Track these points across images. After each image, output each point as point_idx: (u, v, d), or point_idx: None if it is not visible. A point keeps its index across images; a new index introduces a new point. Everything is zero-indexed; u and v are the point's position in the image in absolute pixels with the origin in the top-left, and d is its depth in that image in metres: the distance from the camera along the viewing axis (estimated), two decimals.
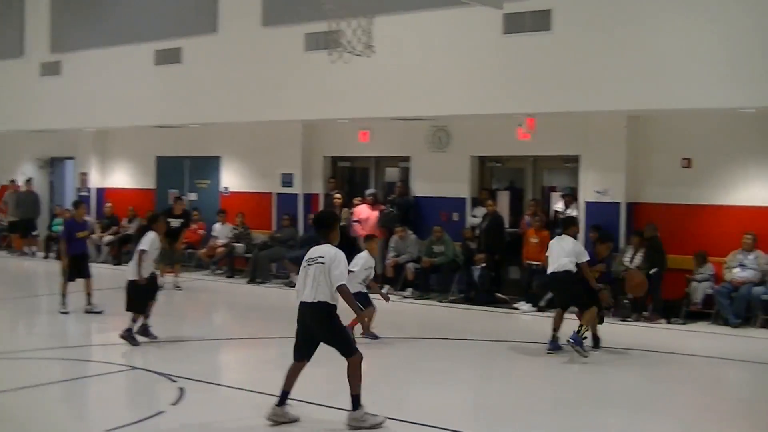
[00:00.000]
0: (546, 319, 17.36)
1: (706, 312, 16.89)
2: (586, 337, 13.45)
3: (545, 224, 19.08)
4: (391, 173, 22.85)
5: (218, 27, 22.69)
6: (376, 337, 14.58)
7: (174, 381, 11.53)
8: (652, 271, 17.00)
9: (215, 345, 14.91)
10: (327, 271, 9.43)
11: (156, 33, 23.92)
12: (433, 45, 18.87)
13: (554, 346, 13.84)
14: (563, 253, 13.75)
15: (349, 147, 22.73)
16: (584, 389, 12.36)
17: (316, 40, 19.42)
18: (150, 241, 14.07)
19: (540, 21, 17.51)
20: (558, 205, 19.45)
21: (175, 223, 20.33)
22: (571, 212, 18.88)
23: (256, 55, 21.70)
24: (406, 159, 21.91)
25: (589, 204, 18.70)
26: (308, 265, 9.60)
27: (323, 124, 22.70)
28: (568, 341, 13.36)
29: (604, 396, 11.89)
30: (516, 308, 18.36)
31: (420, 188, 21.47)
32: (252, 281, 21.92)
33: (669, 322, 16.47)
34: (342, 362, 9.61)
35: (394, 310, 17.81)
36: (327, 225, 9.99)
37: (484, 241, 19.44)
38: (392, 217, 20.78)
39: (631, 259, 17.44)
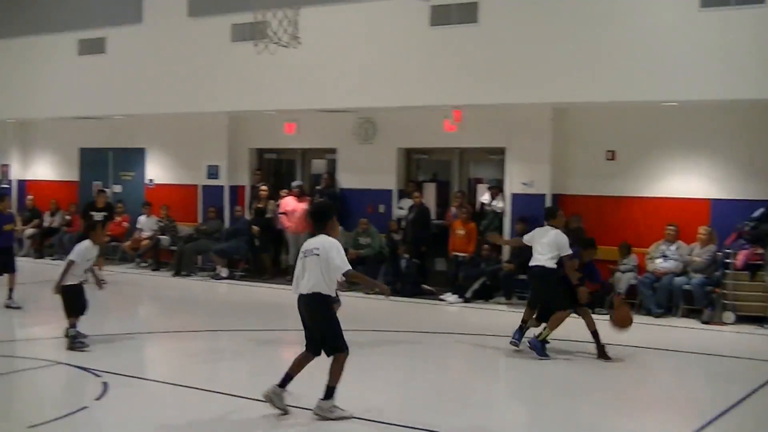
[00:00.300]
0: (472, 310, 17.50)
1: (630, 302, 17.08)
2: (548, 342, 12.78)
3: (471, 216, 19.16)
4: (318, 165, 22.80)
5: (143, 17, 22.47)
6: None
7: (98, 376, 11.36)
8: None
9: (140, 339, 14.74)
10: (324, 261, 9.31)
11: (80, 22, 23.62)
12: (359, 37, 18.86)
13: (518, 337, 13.17)
14: (541, 248, 13.07)
15: (276, 139, 22.63)
16: (512, 380, 12.45)
17: (243, 31, 19.35)
18: (82, 251, 13.58)
19: (467, 13, 17.58)
20: (484, 197, 19.54)
21: (98, 216, 20.07)
22: (497, 204, 19.00)
23: (182, 45, 21.52)
24: (333, 151, 21.88)
25: (515, 196, 18.82)
26: (304, 256, 9.48)
27: (249, 115, 22.58)
28: (528, 343, 12.85)
29: (530, 386, 11.97)
30: (442, 300, 18.41)
31: (346, 180, 21.45)
32: (177, 274, 21.74)
33: (593, 312, 16.59)
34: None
35: None
36: (323, 217, 9.77)
37: (410, 232, 19.49)
38: None
39: None
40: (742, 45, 15.22)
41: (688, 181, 17.48)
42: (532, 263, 13.21)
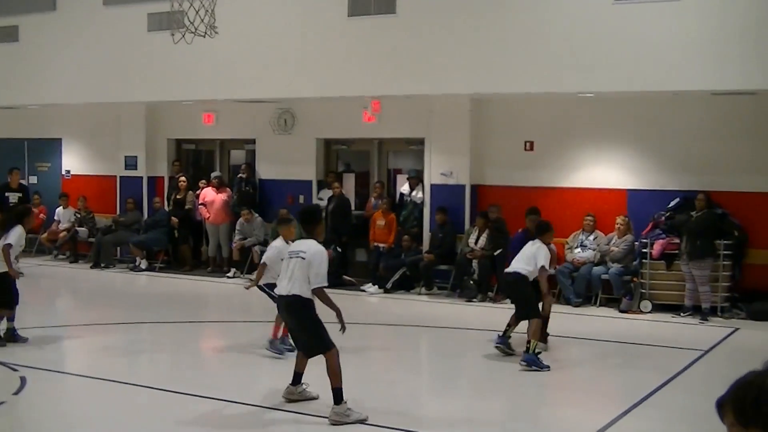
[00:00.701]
0: (393, 301, 17.56)
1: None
2: (539, 352, 12.07)
3: (391, 207, 19.21)
4: (237, 156, 22.69)
5: (57, 5, 22.10)
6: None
7: (15, 370, 11.22)
8: (497, 252, 17.25)
9: (58, 332, 14.56)
10: (306, 266, 9.20)
11: None
12: (278, 26, 18.76)
13: (502, 341, 12.63)
14: (522, 257, 12.53)
15: (194, 129, 22.46)
16: (431, 371, 12.52)
17: (159, 20, 19.13)
18: (17, 236, 13.23)
19: (385, 4, 17.59)
20: (404, 188, 19.59)
21: (13, 197, 19.72)
22: (417, 195, 19.06)
23: (98, 34, 21.21)
24: (252, 142, 21.77)
25: (434, 186, 18.89)
26: (289, 258, 9.41)
27: (167, 105, 22.37)
28: (521, 363, 11.86)
29: (450, 378, 12.07)
30: (363, 290, 18.44)
31: (266, 171, 21.36)
32: (96, 266, 21.49)
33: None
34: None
35: (239, 294, 17.72)
36: (312, 220, 9.75)
37: (330, 223, 19.47)
38: (250, 195, 20.70)
39: (476, 240, 17.69)
40: (655, 37, 15.43)
41: (605, 171, 17.70)
42: (508, 270, 12.79)
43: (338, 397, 9.21)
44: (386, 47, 17.64)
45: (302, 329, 9.45)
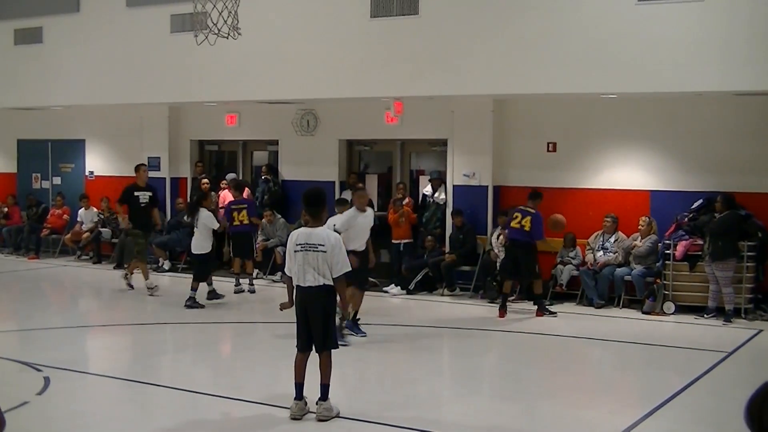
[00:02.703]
0: (415, 302, 17.52)
1: (572, 293, 17.24)
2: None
3: (413, 208, 19.21)
4: (260, 157, 22.71)
5: (81, 6, 22.19)
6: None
7: (39, 370, 11.27)
8: None
9: (81, 332, 14.63)
10: (329, 257, 9.17)
11: (16, 11, 23.27)
12: (300, 27, 18.78)
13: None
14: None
15: (217, 130, 22.52)
16: (452, 372, 12.50)
17: (182, 21, 19.19)
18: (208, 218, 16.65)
19: (407, 4, 17.58)
20: (426, 189, 19.57)
21: (143, 197, 18.97)
22: (439, 196, 19.04)
23: (121, 36, 21.29)
24: (275, 143, 21.80)
25: (456, 187, 18.88)
26: (305, 251, 9.25)
27: (190, 106, 22.44)
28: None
29: (472, 378, 12.05)
30: (386, 291, 18.40)
31: (288, 172, 21.38)
32: (119, 266, 21.50)
33: (534, 304, 16.69)
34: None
35: (264, 295, 17.78)
36: (317, 203, 9.58)
37: None
38: (279, 194, 20.73)
39: (498, 238, 17.61)
40: (679, 38, 15.36)
41: (628, 172, 17.63)
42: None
43: (326, 392, 9.33)
44: (409, 48, 17.63)
45: (324, 320, 9.34)
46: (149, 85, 20.87)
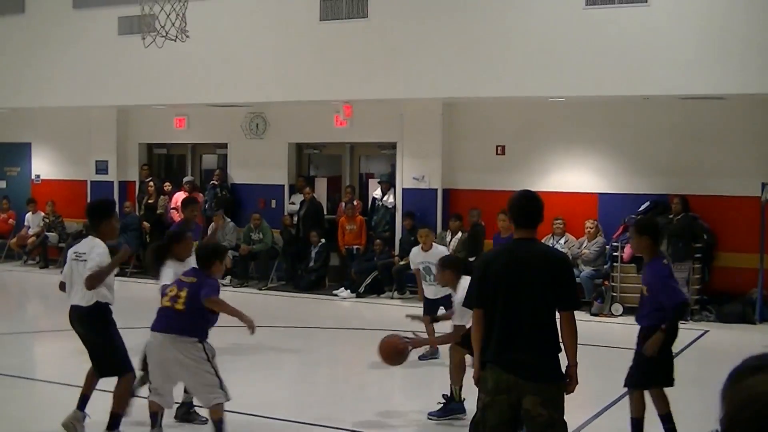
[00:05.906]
0: (365, 305, 17.53)
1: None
2: None
3: (362, 211, 19.23)
4: (209, 160, 22.62)
5: (26, 7, 21.93)
6: None
7: None
8: (471, 258, 17.21)
9: (28, 338, 14.47)
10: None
11: None
12: (249, 30, 18.73)
13: None
14: None
15: (166, 133, 22.39)
16: (402, 375, 12.51)
17: (130, 23, 19.06)
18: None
19: (356, 8, 17.60)
20: (376, 192, 19.59)
21: None
22: (388, 199, 19.06)
23: (67, 38, 21.07)
24: (224, 146, 21.72)
25: (406, 190, 18.91)
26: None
27: (138, 109, 22.29)
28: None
29: (418, 382, 12.08)
30: (336, 294, 18.40)
31: (238, 175, 21.31)
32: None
33: None
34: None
35: None
36: (101, 215, 8.71)
37: (302, 227, 19.46)
38: (227, 200, 20.64)
39: (449, 243, 17.65)
40: (626, 42, 15.51)
41: (577, 175, 17.77)
42: None
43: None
44: (358, 52, 17.65)
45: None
46: (97, 87, 20.69)
